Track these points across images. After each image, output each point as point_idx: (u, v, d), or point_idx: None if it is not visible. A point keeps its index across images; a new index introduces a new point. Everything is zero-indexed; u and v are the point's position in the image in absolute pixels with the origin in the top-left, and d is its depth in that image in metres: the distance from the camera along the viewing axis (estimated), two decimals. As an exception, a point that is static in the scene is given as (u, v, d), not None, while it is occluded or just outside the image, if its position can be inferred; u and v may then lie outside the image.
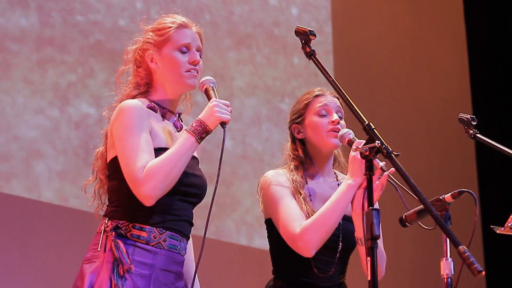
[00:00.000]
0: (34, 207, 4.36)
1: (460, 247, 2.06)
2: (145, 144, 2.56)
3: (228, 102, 2.65)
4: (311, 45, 2.54)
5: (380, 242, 2.95)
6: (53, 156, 4.42)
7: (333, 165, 3.13)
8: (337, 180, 3.11)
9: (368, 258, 2.18)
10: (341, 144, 2.99)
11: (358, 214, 2.82)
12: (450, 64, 6.82)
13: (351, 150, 2.83)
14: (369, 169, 2.27)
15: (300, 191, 2.98)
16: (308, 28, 2.54)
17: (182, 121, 2.80)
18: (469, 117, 3.23)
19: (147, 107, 2.68)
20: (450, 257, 2.66)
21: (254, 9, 5.54)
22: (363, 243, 2.81)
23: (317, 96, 3.08)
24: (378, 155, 2.29)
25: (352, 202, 2.83)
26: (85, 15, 4.67)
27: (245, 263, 5.10)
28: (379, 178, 2.74)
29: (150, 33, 2.75)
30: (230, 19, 5.39)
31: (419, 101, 6.52)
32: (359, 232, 2.86)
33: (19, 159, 4.34)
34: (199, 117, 2.61)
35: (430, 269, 4.55)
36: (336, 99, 3.08)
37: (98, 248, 2.56)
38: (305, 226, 2.84)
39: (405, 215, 2.83)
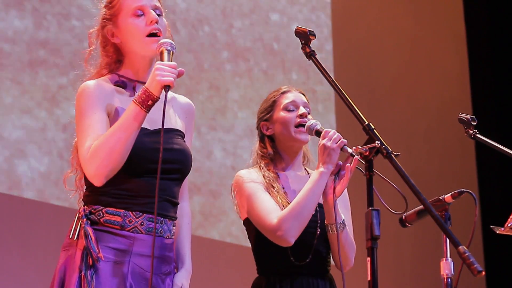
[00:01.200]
0: (35, 207, 4.35)
1: (460, 247, 2.06)
2: (97, 124, 2.47)
3: (175, 64, 2.44)
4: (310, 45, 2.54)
5: (350, 230, 3.00)
6: (37, 157, 4.37)
7: (302, 163, 3.17)
8: (308, 174, 3.13)
9: (368, 258, 2.18)
10: (309, 138, 3.05)
11: (329, 200, 2.87)
12: (450, 64, 6.82)
13: (320, 139, 2.88)
14: (369, 169, 2.26)
15: (273, 184, 3.01)
16: (308, 28, 2.54)
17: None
18: (469, 117, 3.23)
19: (115, 84, 2.58)
20: (450, 257, 2.66)
21: (254, 23, 5.51)
22: (333, 230, 2.89)
23: (283, 92, 3.13)
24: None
25: (324, 189, 2.87)
26: (81, 20, 4.63)
27: (232, 261, 5.09)
28: (350, 164, 2.83)
29: (104, 9, 2.62)
30: (229, 32, 5.35)
31: (419, 101, 6.52)
32: (329, 218, 2.90)
33: (2, 158, 4.29)
34: (145, 85, 2.45)
35: (430, 269, 4.54)
36: (303, 95, 3.13)
37: (70, 236, 2.48)
38: (283, 215, 2.87)
39: (405, 216, 2.83)
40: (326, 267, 3.04)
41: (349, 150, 2.80)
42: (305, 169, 3.16)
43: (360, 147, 2.31)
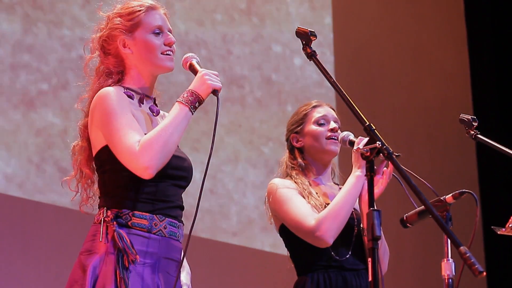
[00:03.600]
0: (35, 207, 4.35)
1: (461, 247, 2.06)
2: (133, 122, 2.51)
3: (217, 73, 2.60)
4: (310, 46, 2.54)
5: (383, 237, 3.01)
6: (5, 158, 4.31)
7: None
8: (338, 185, 3.22)
9: (369, 259, 2.18)
10: (339, 150, 3.13)
11: (367, 202, 2.89)
12: (451, 65, 6.82)
13: (355, 146, 2.95)
14: (370, 170, 2.26)
15: (305, 188, 3.07)
16: (309, 29, 2.54)
17: (157, 106, 2.74)
18: (470, 117, 3.23)
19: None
20: (451, 257, 2.66)
21: (255, 52, 5.46)
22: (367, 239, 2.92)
23: (315, 106, 3.21)
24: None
25: (360, 192, 2.97)
26: (72, 30, 4.58)
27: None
28: (386, 167, 2.95)
29: (118, 19, 2.67)
30: (227, 58, 5.29)
31: (420, 102, 6.52)
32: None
33: (-33, 156, 4.24)
34: (190, 87, 2.56)
35: (431, 270, 4.54)
36: (333, 110, 3.22)
37: (100, 239, 2.48)
38: (321, 217, 2.93)
39: (406, 216, 2.84)
40: (367, 263, 3.06)
41: None
42: (334, 182, 3.23)
43: (361, 148, 2.31)
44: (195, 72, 2.62)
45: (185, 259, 2.72)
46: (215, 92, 2.55)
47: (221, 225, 4.93)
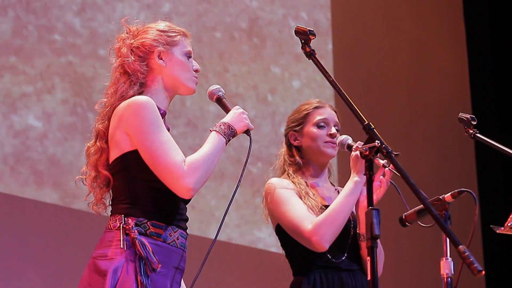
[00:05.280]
0: (34, 207, 4.35)
1: (460, 246, 2.06)
2: (172, 139, 2.58)
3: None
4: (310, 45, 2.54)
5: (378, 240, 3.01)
6: None
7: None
8: (334, 186, 3.22)
9: (368, 258, 2.18)
10: (336, 153, 3.13)
11: (364, 208, 2.92)
12: (449, 64, 6.82)
13: (352, 150, 2.94)
14: (369, 169, 2.27)
15: (302, 188, 3.07)
16: (308, 28, 2.53)
17: None
18: (469, 116, 3.23)
19: None
20: (450, 256, 2.67)
21: (252, 72, 5.39)
22: (366, 238, 2.90)
23: (316, 107, 3.19)
24: (378, 155, 2.31)
25: (358, 197, 2.96)
26: (64, 36, 4.55)
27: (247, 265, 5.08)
28: (383, 176, 2.91)
29: (156, 31, 2.71)
30: (222, 75, 5.23)
31: (419, 101, 6.52)
32: (363, 227, 2.92)
33: None
34: (226, 121, 2.66)
35: (430, 269, 4.53)
36: (334, 113, 3.20)
37: (121, 245, 2.49)
38: (318, 221, 2.93)
39: (405, 215, 2.84)
40: (362, 263, 3.08)
41: (381, 161, 2.84)
42: (331, 183, 3.23)
43: (360, 146, 2.31)
44: (225, 107, 2.76)
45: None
46: (248, 131, 2.70)
47: (199, 241, 4.87)
